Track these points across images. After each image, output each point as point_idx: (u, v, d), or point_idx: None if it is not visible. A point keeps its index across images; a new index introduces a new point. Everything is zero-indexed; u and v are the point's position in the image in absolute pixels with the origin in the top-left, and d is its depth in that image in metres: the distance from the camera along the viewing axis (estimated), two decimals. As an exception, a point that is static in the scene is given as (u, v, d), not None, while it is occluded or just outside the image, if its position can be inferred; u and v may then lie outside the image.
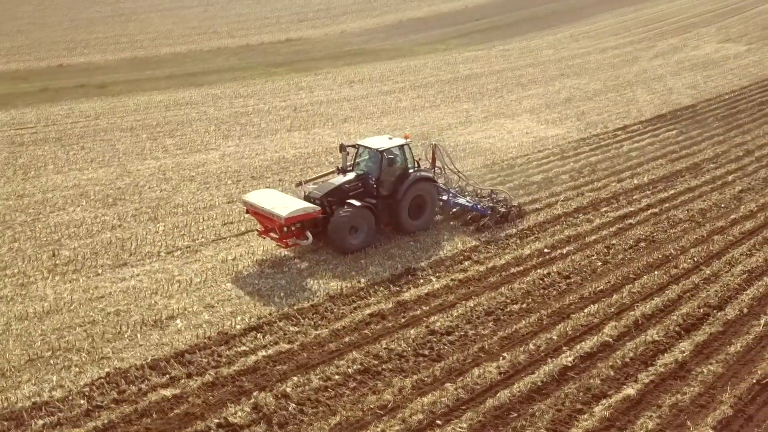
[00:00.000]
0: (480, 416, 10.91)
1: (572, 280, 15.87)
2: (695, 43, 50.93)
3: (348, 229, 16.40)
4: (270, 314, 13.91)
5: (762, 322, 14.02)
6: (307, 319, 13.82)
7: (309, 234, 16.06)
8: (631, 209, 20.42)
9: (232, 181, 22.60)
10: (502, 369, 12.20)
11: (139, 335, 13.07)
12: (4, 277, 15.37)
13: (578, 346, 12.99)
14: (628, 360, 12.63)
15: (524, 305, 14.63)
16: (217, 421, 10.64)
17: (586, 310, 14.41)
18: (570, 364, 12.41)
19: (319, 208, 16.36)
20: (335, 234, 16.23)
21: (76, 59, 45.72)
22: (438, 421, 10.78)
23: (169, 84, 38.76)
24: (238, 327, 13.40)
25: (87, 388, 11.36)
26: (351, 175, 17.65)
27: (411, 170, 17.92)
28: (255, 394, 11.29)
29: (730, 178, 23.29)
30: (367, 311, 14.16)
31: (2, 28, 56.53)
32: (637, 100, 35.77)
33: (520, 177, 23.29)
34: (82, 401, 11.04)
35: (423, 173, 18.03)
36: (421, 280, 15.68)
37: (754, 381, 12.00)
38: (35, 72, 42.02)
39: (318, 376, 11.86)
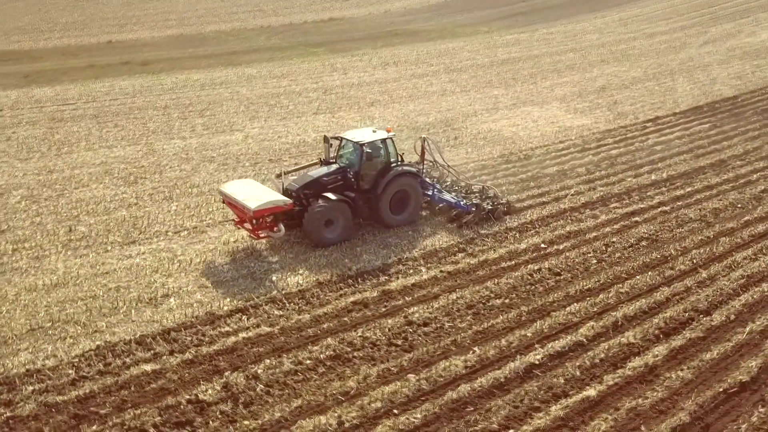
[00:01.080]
0: (436, 408, 11.32)
1: (562, 278, 15.95)
2: (751, 29, 48.83)
3: (323, 223, 16.58)
4: (258, 297, 14.58)
5: (747, 329, 13.86)
6: (292, 304, 14.44)
7: (281, 226, 16.35)
8: (641, 206, 20.17)
9: (250, 163, 23.35)
10: (468, 363, 12.54)
11: (133, 311, 13.96)
12: (22, 249, 16.55)
13: (550, 345, 13.19)
14: (597, 361, 12.76)
15: (507, 300, 14.86)
16: (187, 397, 11.40)
17: (567, 309, 14.52)
18: (538, 362, 12.64)
19: (290, 201, 16.50)
20: (310, 227, 16.52)
21: (125, 36, 47.39)
22: (395, 411, 11.24)
23: (209, 63, 39.82)
24: (225, 308, 14.13)
25: (77, 359, 12.30)
26: (331, 168, 17.73)
27: (394, 165, 17.85)
28: (227, 373, 12.01)
29: (755, 176, 22.66)
30: (351, 299, 14.67)
31: (60, 2, 58.87)
32: (675, 89, 34.80)
33: (535, 168, 23.22)
34: (70, 371, 11.98)
35: (405, 168, 17.95)
36: (411, 271, 16.06)
37: (721, 390, 11.98)
38: (85, 48, 43.83)
39: (290, 360, 12.48)
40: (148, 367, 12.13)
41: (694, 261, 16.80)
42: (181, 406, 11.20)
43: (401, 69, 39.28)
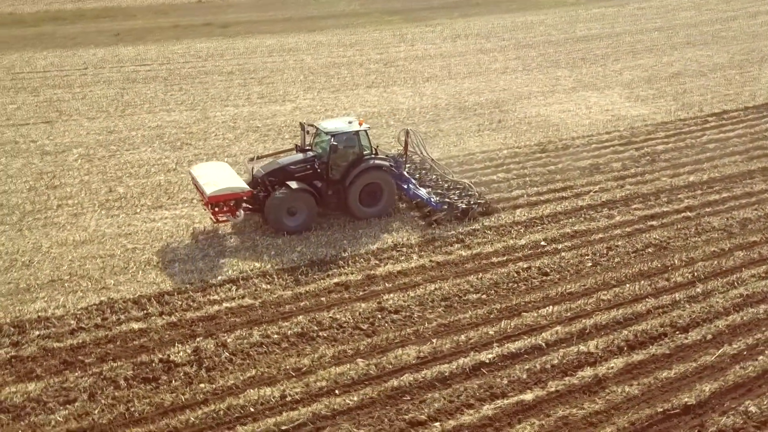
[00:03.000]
0: (375, 393, 12.17)
1: (548, 278, 16.13)
2: None
3: (283, 211, 16.95)
4: (251, 270, 15.86)
5: (719, 351, 13.65)
6: (281, 280, 15.61)
7: (241, 212, 16.91)
8: (664, 209, 19.68)
9: (290, 135, 24.53)
10: (421, 354, 13.25)
11: (140, 272, 15.66)
12: (65, 205, 18.70)
13: (507, 345, 13.62)
14: (548, 366, 13.08)
15: (484, 296, 15.30)
16: (160, 356, 12.91)
17: (541, 311, 14.77)
18: (488, 361, 13.14)
19: (248, 188, 16.88)
20: (270, 215, 17.03)
21: (215, -5, 49.61)
22: (336, 391, 12.23)
23: (285, 27, 41.20)
24: (219, 278, 15.51)
25: (80, 312, 14.10)
26: (301, 156, 18.05)
27: (367, 157, 17.87)
28: (200, 339, 13.42)
29: (808, 186, 21.38)
30: (335, 280, 15.64)
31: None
32: (759, 80, 32.71)
33: (568, 160, 22.96)
34: (72, 321, 13.79)
35: (377, 161, 17.96)
36: (403, 257, 16.75)
37: (662, 410, 12.04)
38: (176, 7, 46.38)
39: (260, 333, 13.69)
40: (136, 326, 13.74)
41: (695, 274, 16.42)
42: (153, 364, 12.72)
43: (470, 42, 39.01)
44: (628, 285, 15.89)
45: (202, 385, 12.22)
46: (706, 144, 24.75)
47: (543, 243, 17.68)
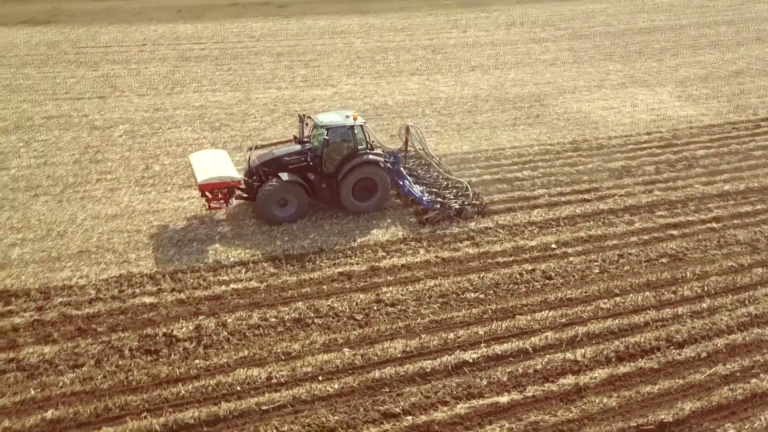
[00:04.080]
0: (355, 383, 12.77)
1: (551, 282, 16.20)
2: None
3: (273, 202, 17.34)
4: (263, 254, 16.67)
5: (710, 371, 13.52)
6: (289, 266, 16.33)
7: (233, 201, 17.52)
8: (689, 219, 19.26)
9: (324, 121, 25.13)
10: (408, 348, 13.72)
11: (161, 249, 16.73)
12: (104, 180, 20.01)
13: (494, 347, 13.91)
14: (531, 371, 13.32)
15: (481, 295, 15.57)
16: (165, 330, 13.91)
17: (536, 315, 14.94)
18: (472, 360, 13.49)
19: (238, 177, 17.32)
20: (260, 205, 17.49)
21: (278, -27, 50.40)
22: (320, 378, 12.90)
23: (340, 9, 41.68)
24: (231, 259, 16.39)
25: (101, 283, 15.29)
26: (297, 148, 18.33)
27: (362, 152, 18.00)
28: (202, 317, 14.34)
29: None
30: (340, 269, 16.23)
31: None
32: (826, 83, 30.92)
33: (598, 161, 22.67)
34: (92, 291, 14.99)
35: (371, 156, 18.09)
36: (410, 251, 17.16)
37: (635, 424, 12.10)
38: (238, -15, 47.47)
39: (259, 315, 14.49)
40: (148, 300, 14.80)
41: (706, 288, 16.11)
42: (157, 337, 13.73)
43: (524, 30, 38.46)
44: (631, 295, 15.79)
45: (197, 361, 13.13)
46: (751, 151, 23.85)
47: (553, 246, 17.70)
